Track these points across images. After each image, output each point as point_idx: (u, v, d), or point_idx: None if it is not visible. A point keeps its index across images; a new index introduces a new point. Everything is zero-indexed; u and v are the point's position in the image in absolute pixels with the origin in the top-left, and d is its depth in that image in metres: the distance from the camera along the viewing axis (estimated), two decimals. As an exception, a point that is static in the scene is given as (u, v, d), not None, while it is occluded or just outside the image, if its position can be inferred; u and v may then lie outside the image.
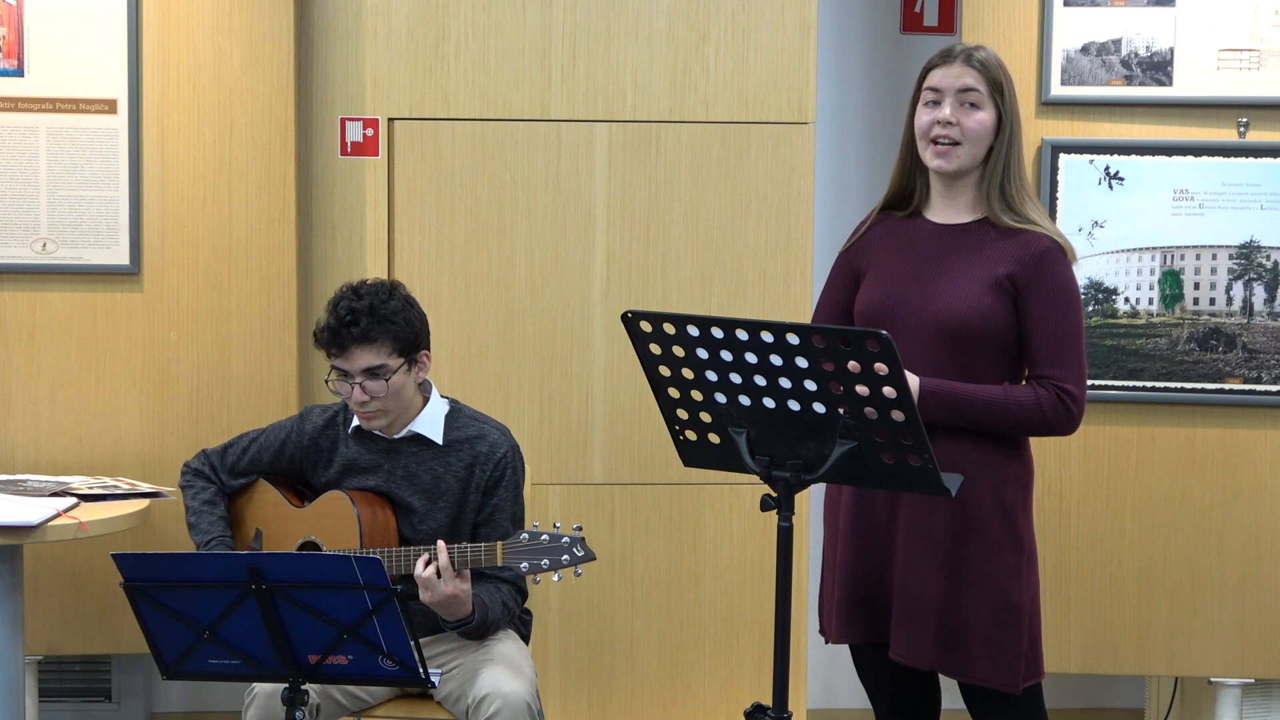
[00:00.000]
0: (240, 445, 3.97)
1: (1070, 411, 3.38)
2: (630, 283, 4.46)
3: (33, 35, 4.46)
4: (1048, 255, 3.39)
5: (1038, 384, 3.39)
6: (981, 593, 3.39)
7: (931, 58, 3.47)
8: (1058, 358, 3.38)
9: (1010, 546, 3.41)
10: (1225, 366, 4.47)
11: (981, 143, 3.41)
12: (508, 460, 3.81)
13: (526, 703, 3.61)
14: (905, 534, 3.42)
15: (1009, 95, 3.42)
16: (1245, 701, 4.69)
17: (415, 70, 4.40)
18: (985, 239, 3.42)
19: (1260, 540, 4.53)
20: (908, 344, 3.37)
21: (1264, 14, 4.44)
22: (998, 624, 3.39)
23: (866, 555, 3.48)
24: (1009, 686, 3.40)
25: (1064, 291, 3.39)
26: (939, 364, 3.37)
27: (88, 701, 4.96)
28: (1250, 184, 4.43)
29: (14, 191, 4.49)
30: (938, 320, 3.38)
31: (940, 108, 3.41)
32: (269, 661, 3.16)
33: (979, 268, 3.40)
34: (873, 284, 3.51)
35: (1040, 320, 3.38)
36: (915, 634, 3.42)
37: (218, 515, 3.90)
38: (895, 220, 3.55)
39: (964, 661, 3.41)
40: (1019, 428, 3.41)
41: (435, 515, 3.79)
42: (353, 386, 3.72)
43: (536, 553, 3.59)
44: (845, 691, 5.25)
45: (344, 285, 3.80)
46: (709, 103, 4.45)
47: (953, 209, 3.48)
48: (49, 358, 4.52)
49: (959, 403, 3.35)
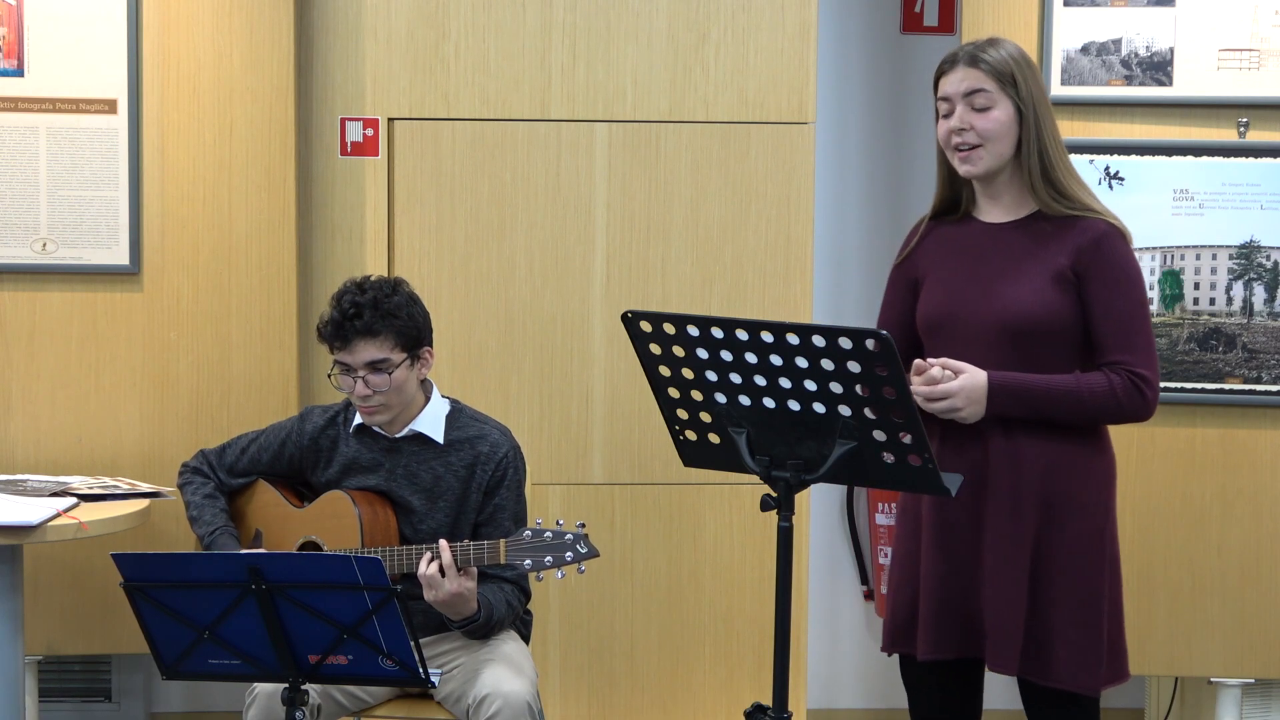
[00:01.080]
0: (239, 446, 3.97)
1: (1145, 396, 3.33)
2: (630, 283, 4.46)
3: (33, 35, 4.46)
4: (1105, 239, 3.34)
5: (1110, 370, 3.32)
6: (1065, 594, 3.33)
7: (940, 63, 3.44)
8: (1126, 342, 3.32)
9: (1094, 545, 3.36)
10: (1225, 366, 4.47)
11: (1002, 140, 3.36)
12: (509, 460, 3.81)
13: (527, 703, 3.61)
14: (991, 541, 3.35)
15: (1025, 84, 3.35)
16: (1245, 701, 4.69)
17: (415, 70, 4.41)
18: (1041, 233, 3.37)
19: (1260, 540, 4.53)
20: (973, 347, 3.34)
21: (1264, 14, 4.44)
22: (1080, 625, 3.34)
23: (953, 567, 3.39)
24: (1089, 689, 3.35)
25: (1126, 274, 3.34)
26: (1006, 364, 3.33)
27: (88, 701, 4.96)
28: (1250, 184, 4.43)
29: (14, 191, 4.49)
30: (1002, 320, 3.34)
31: (952, 116, 3.38)
32: (269, 661, 3.16)
33: (1038, 262, 3.35)
34: (933, 290, 3.46)
35: (1105, 306, 3.33)
36: (1008, 643, 3.34)
37: (219, 508, 3.91)
38: (947, 226, 3.50)
39: (1046, 665, 3.34)
40: (1094, 416, 3.35)
41: (435, 515, 3.79)
42: (355, 381, 3.72)
43: (539, 550, 3.59)
44: (845, 691, 5.25)
45: (348, 280, 3.80)
46: (709, 103, 4.45)
47: (1000, 207, 3.43)
48: (49, 358, 4.52)
49: (1029, 394, 3.30)
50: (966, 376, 3.30)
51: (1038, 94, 3.38)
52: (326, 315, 3.74)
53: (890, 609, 3.52)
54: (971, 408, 3.30)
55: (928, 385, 3.30)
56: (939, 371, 3.30)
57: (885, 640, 3.53)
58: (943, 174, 3.48)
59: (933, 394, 3.29)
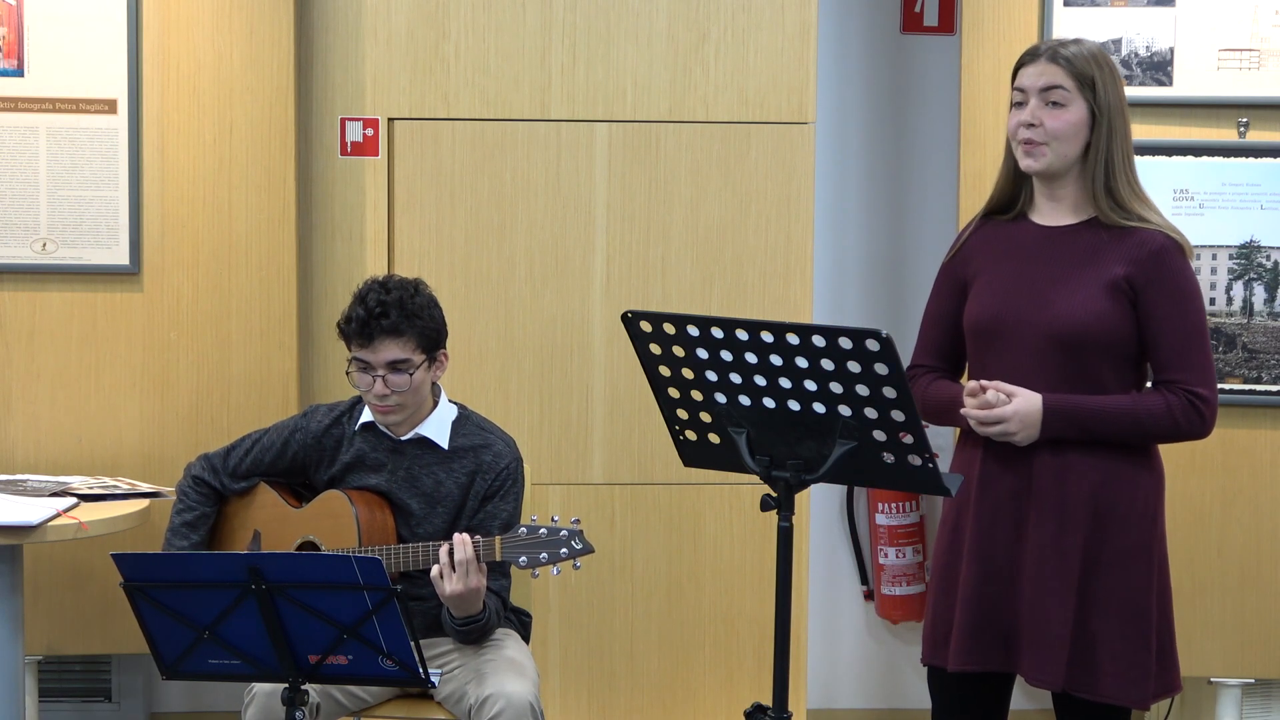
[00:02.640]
0: (243, 448, 3.96)
1: (1203, 415, 3.28)
2: (630, 283, 4.46)
3: (33, 35, 4.46)
4: (1165, 253, 3.28)
5: (1166, 389, 3.27)
6: (1113, 607, 3.29)
7: (1022, 55, 3.37)
8: (1185, 360, 3.27)
9: (1141, 558, 3.31)
10: (1225, 366, 4.47)
11: (1071, 141, 3.29)
12: (510, 471, 3.81)
13: (530, 704, 3.61)
14: (1035, 554, 3.30)
15: (1103, 89, 3.29)
16: (1245, 701, 4.69)
17: (415, 70, 4.41)
18: (1097, 240, 3.31)
19: (1260, 540, 4.53)
20: (1023, 355, 3.30)
21: (1264, 14, 4.44)
22: (1128, 638, 3.29)
23: (990, 581, 3.34)
24: (1138, 703, 3.30)
25: (1185, 290, 3.28)
26: (1058, 373, 3.28)
27: (88, 701, 4.96)
28: (1250, 184, 4.43)
29: (14, 191, 4.49)
30: (1054, 329, 3.28)
31: (1024, 108, 3.31)
32: (269, 661, 3.16)
33: (1093, 271, 3.29)
34: (981, 294, 3.39)
35: (1164, 322, 3.27)
36: (1049, 657, 3.29)
37: (195, 540, 3.87)
38: (998, 225, 3.43)
39: (1092, 679, 3.29)
40: (1151, 437, 3.30)
41: (432, 520, 3.79)
42: (374, 380, 3.72)
43: (535, 547, 3.59)
44: (845, 691, 5.25)
45: (369, 279, 3.80)
46: (709, 103, 4.45)
47: (1058, 210, 3.36)
48: (49, 358, 4.52)
49: (1085, 417, 3.25)
50: (1021, 400, 3.25)
51: (1115, 101, 3.31)
52: (349, 312, 3.74)
53: (930, 621, 3.46)
54: (1026, 431, 3.26)
55: (982, 409, 3.27)
56: (994, 395, 3.26)
57: (925, 651, 3.47)
58: (1007, 168, 3.41)
59: (987, 418, 3.27)
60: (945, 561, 3.43)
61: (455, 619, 3.69)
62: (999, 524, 3.33)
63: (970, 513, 3.36)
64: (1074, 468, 3.27)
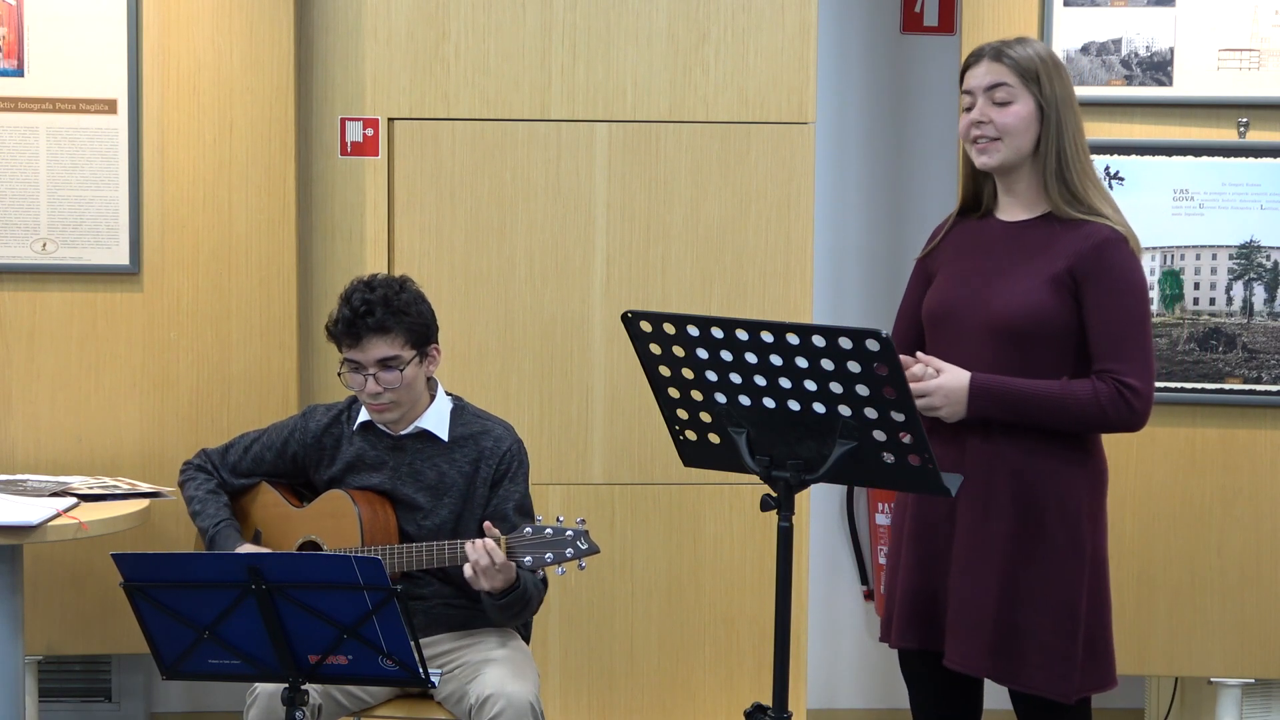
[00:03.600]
0: (241, 445, 3.97)
1: (1132, 406, 3.31)
2: (630, 283, 4.46)
3: (33, 35, 4.46)
4: (1108, 246, 3.33)
5: (1098, 378, 3.32)
6: (1039, 600, 3.34)
7: (966, 58, 3.46)
8: (1119, 351, 3.31)
9: (1070, 552, 3.35)
10: (1225, 366, 4.47)
11: (1021, 135, 3.37)
12: (513, 454, 3.82)
13: (530, 703, 3.61)
14: (962, 539, 3.38)
15: (1049, 83, 3.36)
16: (1245, 701, 4.69)
17: (415, 70, 4.41)
18: (1050, 234, 3.38)
19: (1260, 540, 4.53)
20: (969, 343, 3.36)
21: (1264, 14, 4.44)
22: (1054, 632, 3.33)
23: (925, 561, 3.44)
24: (1063, 696, 3.35)
25: (1124, 282, 3.33)
26: (1001, 363, 3.34)
27: (88, 701, 4.96)
28: (1250, 184, 4.43)
29: (14, 191, 4.49)
30: (995, 318, 3.35)
31: (973, 109, 3.40)
32: (269, 661, 3.16)
33: (1039, 263, 3.36)
34: (940, 284, 3.50)
35: (1101, 313, 3.32)
36: (970, 641, 3.37)
37: (223, 503, 3.91)
38: (969, 222, 3.53)
39: (1017, 669, 3.36)
40: (1078, 423, 3.34)
41: (439, 511, 3.80)
42: (366, 379, 3.73)
43: (539, 546, 3.59)
44: (845, 691, 5.25)
45: (354, 280, 3.81)
46: (709, 103, 4.45)
47: (1017, 205, 3.44)
48: (49, 358, 4.52)
49: (1012, 398, 3.30)
50: (947, 376, 3.33)
51: (1062, 95, 3.38)
52: (336, 314, 3.75)
53: (885, 599, 3.59)
54: (950, 407, 3.33)
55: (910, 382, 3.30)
56: (920, 369, 3.34)
57: (881, 630, 3.61)
58: (966, 170, 3.51)
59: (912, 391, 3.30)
60: (895, 540, 3.55)
61: (493, 596, 3.66)
62: (932, 509, 3.42)
63: (912, 497, 3.46)
64: (1002, 456, 3.31)
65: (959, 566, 3.38)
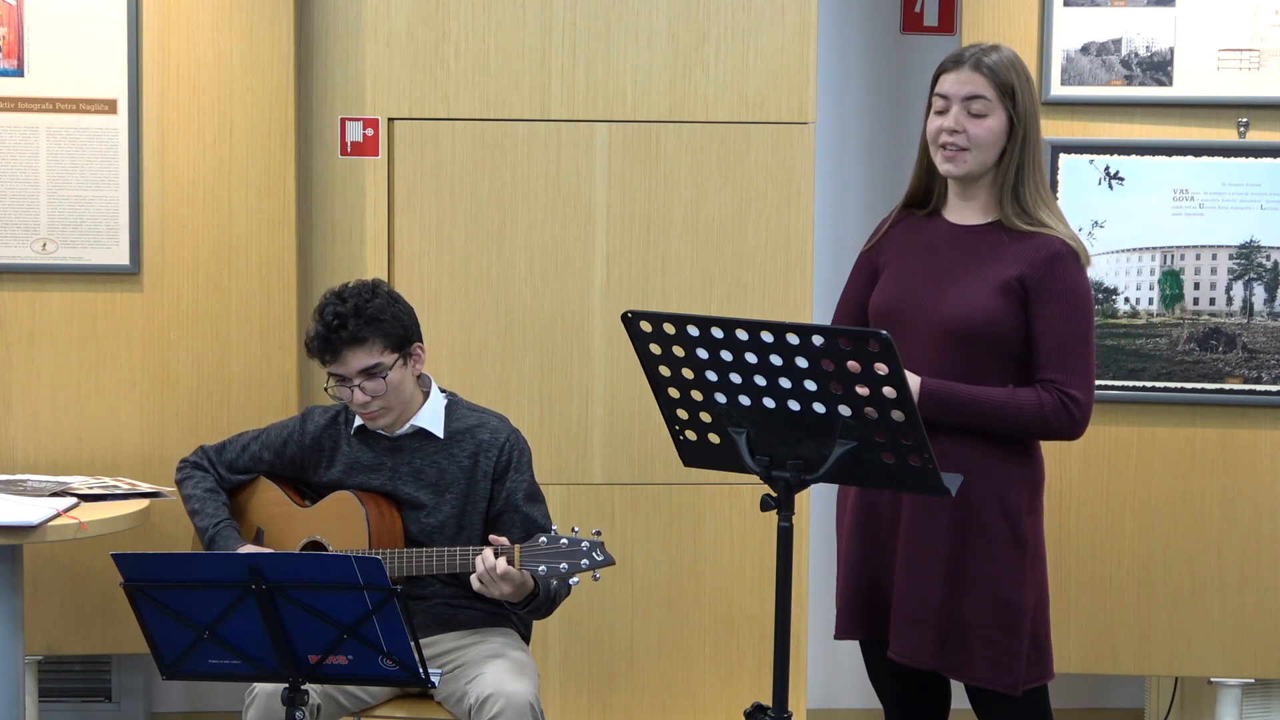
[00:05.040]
0: (239, 443, 3.97)
1: (1073, 416, 3.37)
2: (630, 283, 4.46)
3: (33, 35, 4.46)
4: (1059, 259, 3.38)
5: (1041, 388, 3.37)
6: (982, 593, 3.39)
7: (944, 60, 3.47)
8: (1063, 362, 3.37)
9: (1013, 547, 3.40)
10: (1225, 366, 4.47)
11: (990, 148, 3.40)
12: (512, 443, 3.82)
13: (530, 704, 3.61)
14: (906, 532, 3.43)
15: (1022, 97, 3.40)
16: (1245, 701, 4.69)
17: (415, 70, 4.40)
18: (999, 241, 3.42)
19: (1260, 540, 4.53)
20: (916, 344, 3.38)
21: (1264, 14, 4.44)
22: (998, 625, 3.39)
23: (868, 553, 3.49)
24: (1008, 688, 3.40)
25: (1073, 295, 3.38)
26: (946, 365, 3.37)
27: (88, 701, 4.96)
28: (1250, 184, 4.43)
29: (14, 191, 4.49)
30: (944, 321, 3.39)
31: (947, 115, 3.41)
32: (269, 661, 3.16)
33: (989, 270, 3.39)
34: (887, 283, 3.51)
35: (1047, 324, 3.37)
36: (913, 633, 3.42)
37: (221, 502, 3.91)
38: (915, 219, 3.55)
39: (963, 661, 3.41)
40: (1020, 430, 3.40)
41: (442, 508, 3.80)
42: (352, 390, 3.72)
43: (554, 556, 3.59)
44: (845, 691, 5.25)
45: (326, 292, 3.79)
46: (709, 103, 4.45)
47: (969, 210, 3.48)
48: (49, 358, 4.52)
49: (959, 404, 3.35)
50: None
51: (1030, 109, 3.42)
52: (311, 330, 3.73)
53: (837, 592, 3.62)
54: None
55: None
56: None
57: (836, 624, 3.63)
58: (921, 166, 3.53)
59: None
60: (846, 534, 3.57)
61: (515, 606, 3.71)
62: (879, 499, 3.45)
63: (854, 491, 3.50)
64: (945, 453, 3.30)
65: (903, 559, 3.42)
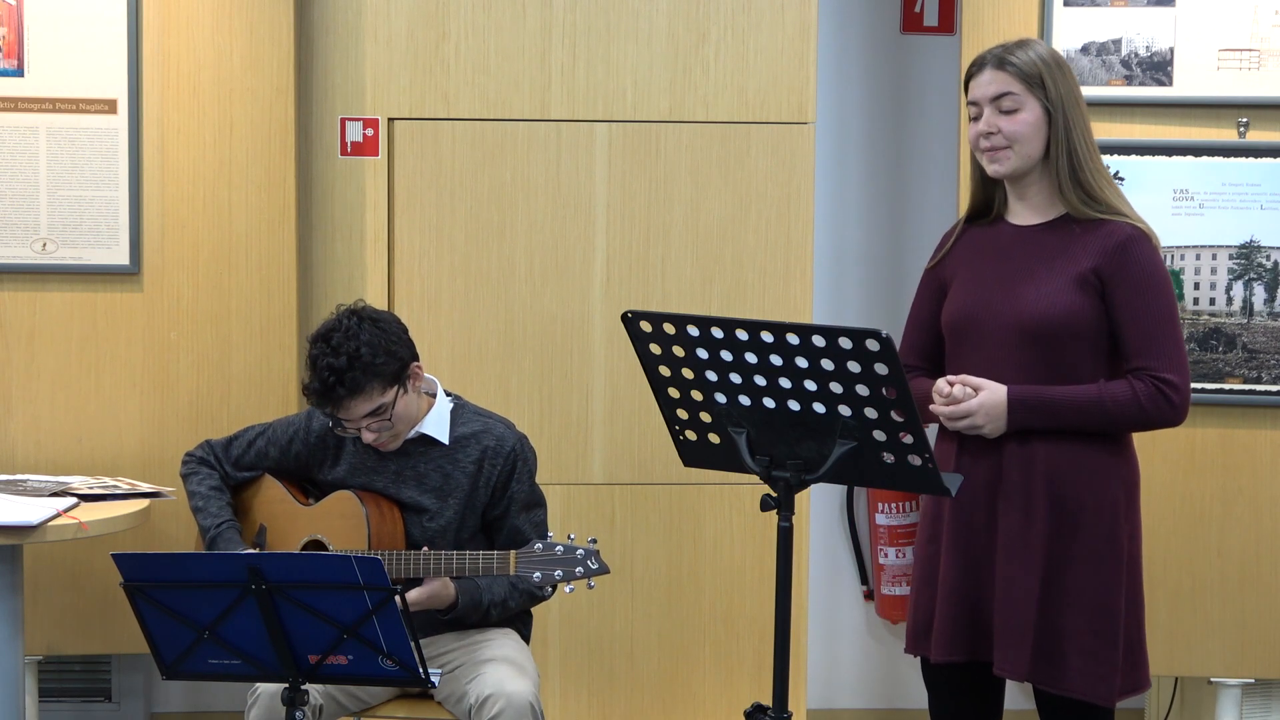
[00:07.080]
0: (246, 439, 3.97)
1: (1171, 402, 3.31)
2: (630, 283, 4.46)
3: (33, 35, 4.46)
4: (1131, 244, 3.32)
5: (1134, 377, 3.32)
6: (1077, 600, 3.31)
7: (969, 67, 3.44)
8: (1152, 347, 3.31)
9: (1109, 551, 3.33)
10: (1225, 366, 4.47)
11: (1031, 141, 3.35)
12: (517, 452, 3.82)
13: (530, 703, 3.61)
14: (1004, 542, 3.35)
15: (1054, 85, 3.34)
16: (1245, 701, 4.69)
17: (415, 70, 4.40)
18: (1068, 234, 3.37)
19: (1260, 540, 4.53)
20: (996, 350, 3.34)
21: (1264, 14, 4.44)
22: (1094, 633, 3.31)
23: (968, 570, 3.38)
24: (1104, 700, 3.32)
25: (1151, 279, 3.32)
26: (1029, 368, 3.33)
27: (88, 701, 4.96)
28: (1250, 184, 4.43)
29: (14, 191, 4.49)
30: (1022, 322, 3.33)
31: (981, 120, 3.38)
32: (269, 661, 3.16)
33: (1062, 265, 3.34)
34: (957, 293, 3.46)
35: (1130, 311, 3.31)
36: (1015, 647, 3.33)
37: (225, 501, 3.91)
38: (979, 229, 3.50)
39: (1058, 673, 3.32)
40: (1120, 425, 3.34)
41: (445, 513, 3.80)
42: (359, 430, 3.73)
43: (550, 563, 3.59)
44: (845, 691, 5.25)
45: (314, 339, 3.71)
46: (709, 103, 4.45)
47: (1031, 209, 3.43)
48: (49, 358, 4.52)
49: (1051, 407, 3.30)
50: (986, 393, 3.31)
51: (1068, 95, 3.36)
52: (307, 381, 3.70)
53: (911, 610, 3.51)
54: (993, 424, 3.32)
55: (949, 405, 3.32)
56: (960, 390, 3.32)
57: (908, 642, 3.52)
58: (975, 177, 3.49)
59: (953, 414, 3.32)
60: (926, 552, 3.48)
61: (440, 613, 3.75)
62: (974, 514, 3.38)
63: (948, 504, 3.39)
64: (1039, 458, 3.30)
65: (1002, 572, 3.34)
